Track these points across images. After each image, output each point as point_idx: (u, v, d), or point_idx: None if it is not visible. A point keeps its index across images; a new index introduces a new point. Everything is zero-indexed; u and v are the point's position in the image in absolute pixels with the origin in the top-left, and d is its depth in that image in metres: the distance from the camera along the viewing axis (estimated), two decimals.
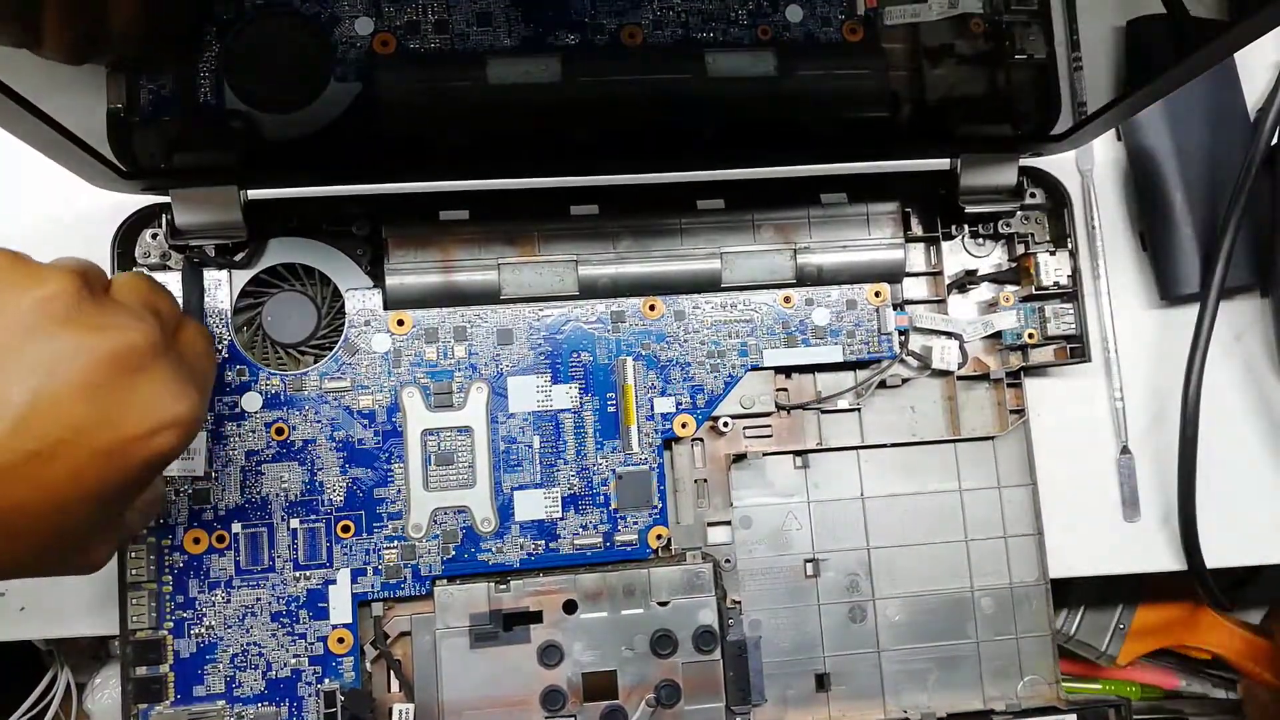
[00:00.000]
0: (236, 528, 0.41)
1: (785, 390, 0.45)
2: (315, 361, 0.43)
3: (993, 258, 0.47)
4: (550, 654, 0.41)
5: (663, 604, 0.42)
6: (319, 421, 0.42)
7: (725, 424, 0.44)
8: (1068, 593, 0.53)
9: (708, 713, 0.41)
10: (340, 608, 0.41)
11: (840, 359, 0.45)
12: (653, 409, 0.43)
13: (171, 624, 0.40)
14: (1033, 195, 0.46)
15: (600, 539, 0.43)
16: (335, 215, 0.43)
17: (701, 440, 0.44)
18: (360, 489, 0.42)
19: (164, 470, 0.32)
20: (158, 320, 0.30)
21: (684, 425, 0.43)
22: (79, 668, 0.49)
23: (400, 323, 0.43)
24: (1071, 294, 0.45)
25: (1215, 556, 0.46)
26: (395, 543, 0.42)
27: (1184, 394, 0.45)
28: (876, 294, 0.45)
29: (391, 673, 0.41)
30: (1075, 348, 0.45)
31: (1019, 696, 0.44)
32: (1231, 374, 0.48)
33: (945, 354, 0.45)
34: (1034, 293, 0.45)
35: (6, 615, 0.42)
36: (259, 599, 0.41)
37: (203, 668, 0.40)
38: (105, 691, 0.48)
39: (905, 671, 0.43)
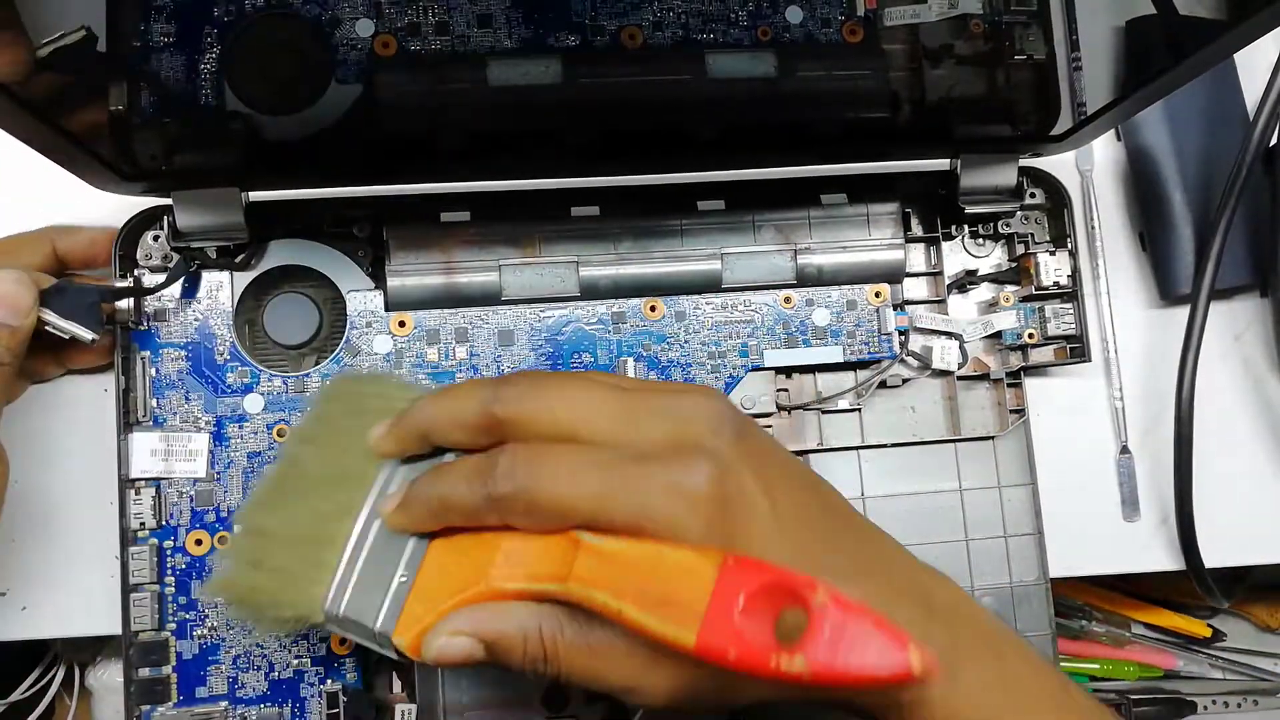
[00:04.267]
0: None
1: (785, 390, 0.45)
2: (317, 363, 0.43)
3: (993, 258, 0.47)
4: None
5: None
6: None
7: None
8: None
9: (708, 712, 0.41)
10: None
11: (840, 359, 0.45)
12: None
13: (174, 625, 0.40)
14: (1032, 195, 0.46)
15: None
16: (337, 217, 0.43)
17: None
18: None
19: None
20: None
21: None
22: (80, 646, 0.49)
23: (402, 324, 0.43)
24: (1071, 294, 0.45)
25: (1215, 556, 0.46)
26: None
27: (1177, 395, 0.45)
28: (877, 294, 0.45)
29: (394, 673, 0.42)
30: (1075, 348, 0.45)
31: None
32: (1231, 374, 0.48)
33: (945, 354, 0.45)
34: (1034, 293, 0.45)
35: (8, 615, 0.42)
36: None
37: (205, 669, 0.40)
38: (107, 670, 0.48)
39: None
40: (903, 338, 0.45)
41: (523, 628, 0.28)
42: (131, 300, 0.41)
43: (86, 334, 0.38)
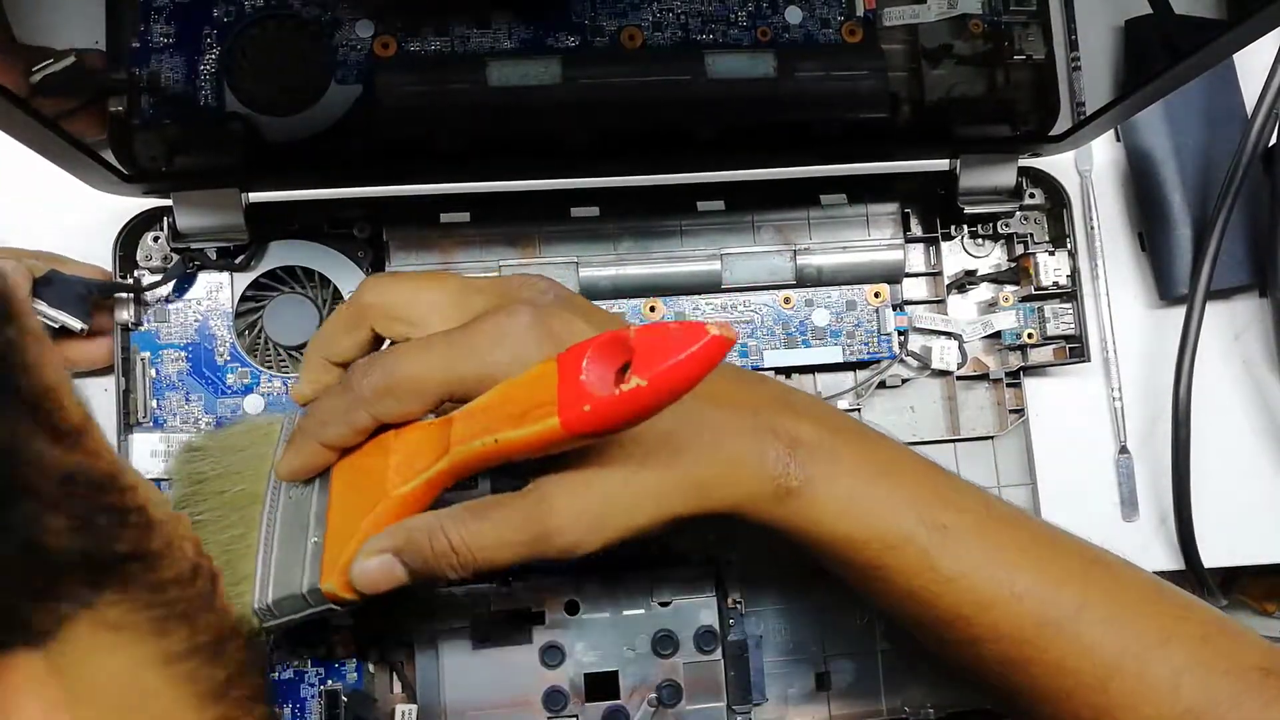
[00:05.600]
0: None
1: None
2: None
3: (992, 258, 0.47)
4: (552, 654, 0.41)
5: (664, 604, 0.42)
6: None
7: None
8: None
9: (709, 712, 0.41)
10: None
11: (840, 360, 0.45)
12: None
13: None
14: (1032, 195, 0.46)
15: None
16: (336, 218, 0.43)
17: None
18: None
19: None
20: None
21: None
22: None
23: None
24: (1070, 294, 0.46)
25: (1214, 555, 0.46)
26: None
27: (1174, 395, 0.45)
28: (876, 295, 0.45)
29: (394, 674, 0.42)
30: (1074, 348, 0.45)
31: None
32: (1230, 374, 0.48)
33: (945, 354, 0.45)
34: (1033, 293, 0.45)
35: None
36: None
37: None
38: None
39: (905, 670, 0.43)
40: (902, 338, 0.45)
41: (426, 526, 0.31)
42: (132, 301, 0.41)
43: (76, 323, 0.39)
